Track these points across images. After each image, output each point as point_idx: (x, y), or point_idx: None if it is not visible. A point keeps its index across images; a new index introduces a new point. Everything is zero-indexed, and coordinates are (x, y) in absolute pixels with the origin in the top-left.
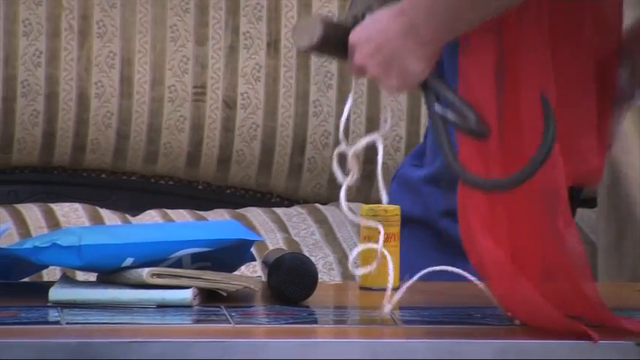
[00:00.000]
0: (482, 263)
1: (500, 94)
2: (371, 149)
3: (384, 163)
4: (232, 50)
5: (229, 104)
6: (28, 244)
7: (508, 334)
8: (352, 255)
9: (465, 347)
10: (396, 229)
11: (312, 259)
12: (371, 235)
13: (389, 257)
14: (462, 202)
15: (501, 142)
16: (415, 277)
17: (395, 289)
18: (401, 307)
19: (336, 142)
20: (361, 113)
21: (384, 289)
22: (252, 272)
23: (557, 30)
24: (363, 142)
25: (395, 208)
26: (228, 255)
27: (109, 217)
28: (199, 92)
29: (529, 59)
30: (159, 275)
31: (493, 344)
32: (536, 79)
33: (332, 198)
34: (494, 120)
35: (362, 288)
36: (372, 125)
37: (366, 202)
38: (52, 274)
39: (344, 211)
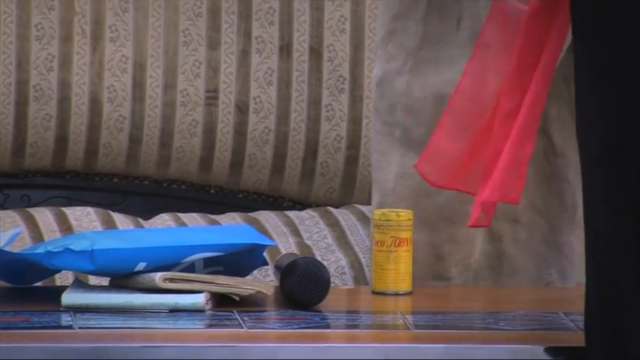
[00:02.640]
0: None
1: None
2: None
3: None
4: (245, 54)
5: (242, 108)
6: (41, 249)
7: (521, 340)
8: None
9: (477, 352)
10: (408, 234)
11: (325, 263)
12: (383, 240)
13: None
14: None
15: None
16: None
17: (408, 293)
18: (413, 311)
19: (348, 147)
20: None
21: (396, 294)
22: (265, 276)
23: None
24: None
25: (407, 213)
26: (240, 259)
27: (122, 221)
28: (212, 96)
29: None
30: (171, 280)
31: (506, 349)
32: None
33: (344, 202)
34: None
35: (374, 292)
36: None
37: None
38: (64, 278)
39: None
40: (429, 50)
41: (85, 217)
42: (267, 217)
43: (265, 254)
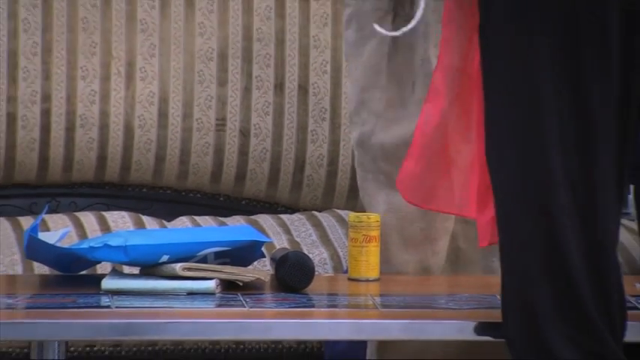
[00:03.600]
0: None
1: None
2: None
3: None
4: (247, 91)
5: (244, 133)
6: (85, 245)
7: (464, 317)
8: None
9: (430, 326)
10: (376, 232)
11: (310, 255)
12: (357, 237)
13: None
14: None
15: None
16: None
17: (376, 280)
18: (380, 294)
19: (329, 164)
20: None
21: (367, 280)
22: (263, 266)
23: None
24: None
25: (376, 216)
26: (243, 253)
27: (149, 222)
28: (220, 124)
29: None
30: (189, 269)
31: (452, 324)
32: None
33: (325, 207)
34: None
35: (350, 279)
36: None
37: (354, 210)
38: (103, 268)
39: None
40: (393, 111)
41: (120, 220)
42: (265, 219)
43: (263, 249)
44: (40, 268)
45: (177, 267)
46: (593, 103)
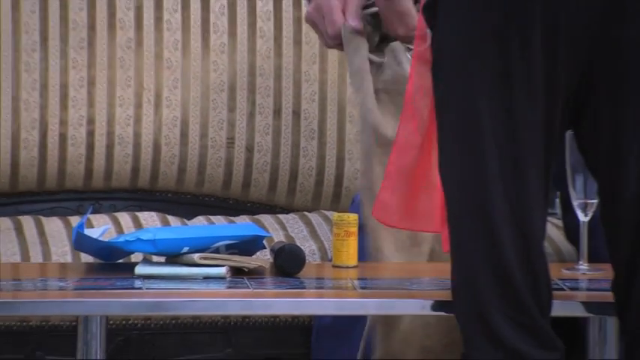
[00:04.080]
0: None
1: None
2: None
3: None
4: (251, 115)
5: (249, 149)
6: (121, 239)
7: (424, 296)
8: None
9: (398, 304)
10: (354, 229)
11: (302, 247)
12: (339, 232)
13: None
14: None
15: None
16: None
17: (354, 267)
18: (358, 278)
19: (317, 174)
20: None
21: (347, 267)
22: (264, 256)
23: None
24: None
25: (355, 216)
26: (248, 245)
27: (173, 220)
28: (230, 142)
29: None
30: (205, 258)
31: (414, 302)
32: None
33: (314, 209)
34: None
35: (334, 266)
36: None
37: (337, 211)
38: (136, 257)
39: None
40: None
41: (149, 219)
42: (265, 218)
43: (264, 242)
44: (86, 258)
45: (196, 256)
46: (524, 127)
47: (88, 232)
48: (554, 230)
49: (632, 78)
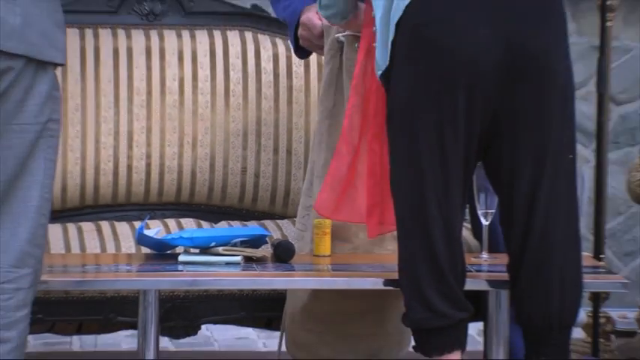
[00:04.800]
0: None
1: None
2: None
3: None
4: (258, 152)
5: (257, 175)
6: (169, 237)
7: (378, 276)
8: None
9: (357, 282)
10: (328, 229)
11: (293, 242)
12: (317, 232)
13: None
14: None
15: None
16: None
17: (328, 256)
18: (331, 263)
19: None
20: None
21: (324, 256)
22: (266, 248)
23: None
24: None
25: (328, 221)
26: (256, 241)
27: (204, 224)
28: (243, 170)
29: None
30: (226, 250)
31: (370, 280)
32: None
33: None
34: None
35: (314, 255)
36: None
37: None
38: (179, 249)
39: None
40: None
41: (188, 223)
42: (268, 223)
43: (267, 239)
44: (145, 250)
45: (220, 249)
46: (451, 159)
47: (146, 232)
48: (464, 231)
49: (523, 124)
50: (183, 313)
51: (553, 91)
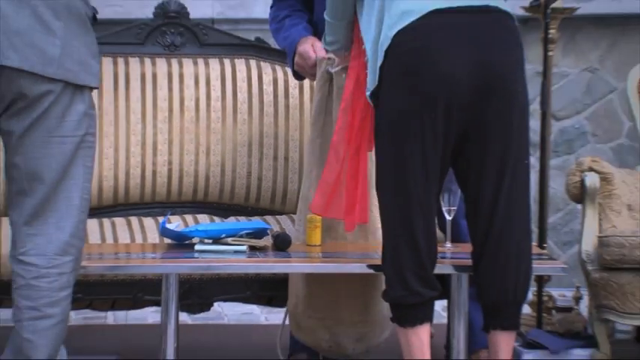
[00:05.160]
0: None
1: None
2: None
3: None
4: (260, 160)
5: (259, 179)
6: (187, 229)
7: (359, 260)
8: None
9: (345, 267)
10: (319, 224)
11: (289, 234)
12: (309, 226)
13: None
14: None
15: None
16: None
17: (319, 245)
18: (322, 252)
19: (297, 193)
20: None
21: (314, 245)
22: (268, 239)
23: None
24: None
25: (319, 217)
26: (259, 233)
27: (216, 219)
28: (248, 175)
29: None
30: (234, 240)
31: (353, 265)
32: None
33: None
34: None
35: (307, 245)
36: None
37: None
38: (195, 240)
39: None
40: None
41: (203, 219)
42: (269, 218)
43: (268, 231)
44: (167, 241)
45: (229, 239)
46: (430, 166)
47: (168, 226)
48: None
49: (489, 135)
50: (199, 292)
51: (514, 108)
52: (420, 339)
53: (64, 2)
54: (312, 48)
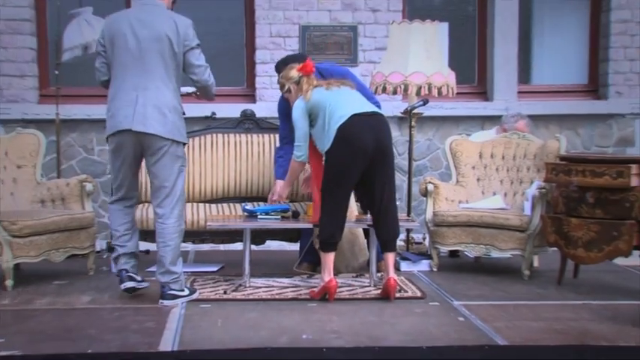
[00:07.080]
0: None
1: None
2: None
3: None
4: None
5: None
6: (254, 209)
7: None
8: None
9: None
10: (311, 207)
11: (299, 211)
12: (308, 211)
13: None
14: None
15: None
16: None
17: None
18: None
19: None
20: None
21: (309, 216)
22: (289, 213)
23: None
24: None
25: (310, 203)
26: (284, 210)
27: (261, 204)
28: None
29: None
30: (274, 213)
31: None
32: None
33: (301, 200)
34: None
35: (306, 215)
36: None
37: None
38: (259, 215)
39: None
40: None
41: (232, 210)
42: (290, 204)
43: (289, 210)
44: (245, 214)
45: (272, 213)
46: (350, 182)
47: (246, 207)
48: (357, 206)
49: (377, 171)
50: (259, 236)
51: (390, 157)
52: (330, 259)
53: (172, 106)
54: (274, 192)
